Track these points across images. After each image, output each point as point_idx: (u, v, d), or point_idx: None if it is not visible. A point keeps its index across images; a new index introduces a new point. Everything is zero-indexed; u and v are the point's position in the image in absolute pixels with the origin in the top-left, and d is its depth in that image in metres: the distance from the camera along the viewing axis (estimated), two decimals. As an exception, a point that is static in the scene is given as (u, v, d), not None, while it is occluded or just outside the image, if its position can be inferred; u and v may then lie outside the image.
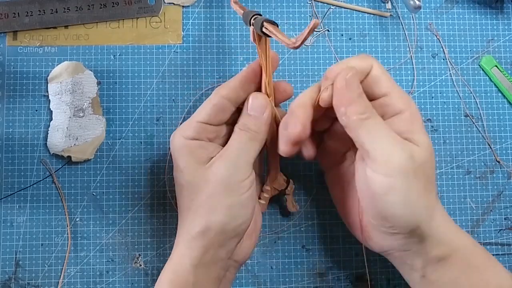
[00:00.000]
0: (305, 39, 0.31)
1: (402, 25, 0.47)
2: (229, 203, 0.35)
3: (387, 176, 0.33)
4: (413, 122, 0.35)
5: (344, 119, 0.34)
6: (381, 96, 0.36)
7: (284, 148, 0.37)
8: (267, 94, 0.38)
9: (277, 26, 0.34)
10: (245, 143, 0.37)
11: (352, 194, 0.39)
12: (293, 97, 0.40)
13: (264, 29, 0.34)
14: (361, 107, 0.34)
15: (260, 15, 0.36)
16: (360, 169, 0.35)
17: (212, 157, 0.37)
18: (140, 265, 0.43)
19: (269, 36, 0.34)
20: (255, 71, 0.38)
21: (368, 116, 0.34)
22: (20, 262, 0.42)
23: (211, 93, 0.44)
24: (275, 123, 0.38)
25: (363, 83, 0.35)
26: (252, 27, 0.35)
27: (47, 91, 0.43)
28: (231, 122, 0.39)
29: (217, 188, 0.35)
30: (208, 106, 0.37)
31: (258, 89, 0.38)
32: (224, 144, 0.38)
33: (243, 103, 0.38)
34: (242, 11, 0.37)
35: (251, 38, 0.36)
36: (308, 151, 0.38)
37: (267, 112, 0.37)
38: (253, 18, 0.35)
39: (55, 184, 0.43)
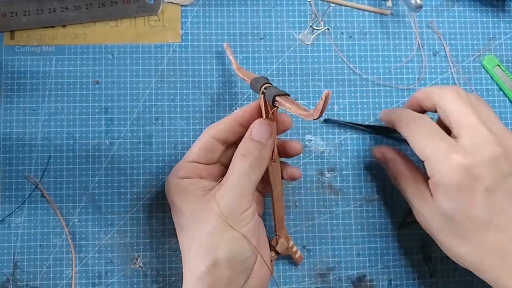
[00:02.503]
0: (322, 111, 0.30)
1: (403, 23, 0.46)
2: (232, 237, 0.34)
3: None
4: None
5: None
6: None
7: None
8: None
9: (289, 96, 0.34)
10: (246, 171, 0.35)
11: None
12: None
13: (276, 103, 0.34)
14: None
15: (268, 80, 0.36)
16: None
17: (209, 190, 0.36)
18: (139, 266, 0.43)
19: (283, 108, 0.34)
20: (247, 116, 0.37)
21: None
22: (18, 264, 0.42)
23: (210, 92, 0.44)
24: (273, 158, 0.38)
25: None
26: (262, 95, 0.35)
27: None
28: (223, 162, 0.39)
29: (218, 223, 0.34)
30: (197, 146, 0.37)
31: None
32: (217, 181, 0.37)
33: (233, 143, 0.38)
34: (248, 79, 0.37)
35: (262, 107, 0.36)
36: None
37: (272, 139, 0.36)
38: (263, 87, 0.35)
39: (45, 197, 0.42)
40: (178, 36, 0.45)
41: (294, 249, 0.42)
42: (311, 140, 0.44)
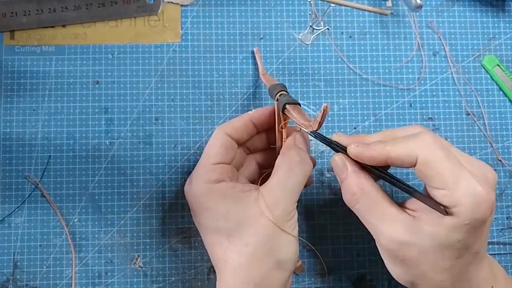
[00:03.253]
0: (321, 123, 0.32)
1: (403, 23, 0.46)
2: (288, 239, 0.34)
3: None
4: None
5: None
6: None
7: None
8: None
9: (299, 105, 0.35)
10: (297, 177, 0.35)
11: None
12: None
13: (285, 111, 0.35)
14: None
15: (285, 89, 0.37)
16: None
17: (247, 191, 0.35)
18: (139, 266, 0.43)
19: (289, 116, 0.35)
20: (264, 118, 0.37)
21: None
22: (18, 264, 0.42)
23: (210, 92, 0.44)
24: None
25: (415, 170, 0.32)
26: (276, 102, 0.36)
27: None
28: (236, 166, 0.38)
29: (272, 227, 0.34)
30: (217, 146, 0.36)
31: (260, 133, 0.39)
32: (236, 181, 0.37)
33: (242, 144, 0.38)
34: (269, 85, 0.38)
35: (276, 114, 0.37)
36: None
37: (308, 147, 0.37)
38: (278, 94, 0.36)
39: (45, 197, 0.42)
40: (178, 36, 0.45)
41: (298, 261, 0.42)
42: (311, 140, 0.44)
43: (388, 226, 0.33)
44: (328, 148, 0.44)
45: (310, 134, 0.35)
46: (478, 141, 0.45)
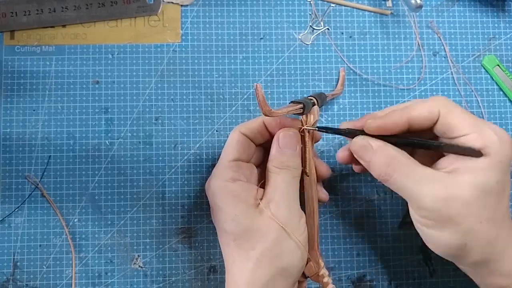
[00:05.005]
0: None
1: (403, 23, 0.46)
2: (293, 247, 0.35)
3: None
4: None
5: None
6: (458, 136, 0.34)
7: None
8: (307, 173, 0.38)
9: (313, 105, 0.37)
10: (290, 181, 0.36)
11: None
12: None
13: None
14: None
15: (315, 99, 0.38)
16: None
17: (260, 199, 0.36)
18: (139, 266, 0.43)
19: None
20: (275, 123, 0.37)
21: None
22: (18, 263, 0.42)
23: (210, 92, 0.44)
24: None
25: (435, 128, 0.34)
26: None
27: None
28: (254, 162, 0.39)
29: (278, 233, 0.34)
30: (233, 143, 0.37)
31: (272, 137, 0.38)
32: (257, 184, 0.37)
33: (260, 145, 0.39)
34: (286, 111, 0.37)
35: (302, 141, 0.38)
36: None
37: (299, 146, 0.37)
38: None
39: (45, 197, 0.42)
40: (178, 36, 0.45)
41: (326, 279, 0.38)
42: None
43: (429, 186, 0.33)
44: (328, 148, 0.44)
45: (320, 130, 0.37)
46: (478, 141, 0.45)
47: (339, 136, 0.44)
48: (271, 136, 0.38)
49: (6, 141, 0.43)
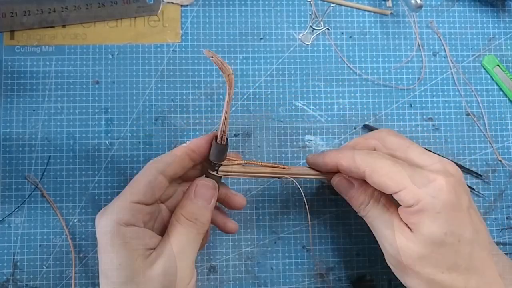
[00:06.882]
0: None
1: (403, 23, 0.46)
2: None
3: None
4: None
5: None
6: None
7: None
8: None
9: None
10: (194, 238, 0.33)
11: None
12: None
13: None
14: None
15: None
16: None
17: (150, 249, 0.32)
18: (139, 266, 0.42)
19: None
20: (201, 150, 0.35)
21: None
22: (18, 264, 0.42)
23: (210, 92, 0.44)
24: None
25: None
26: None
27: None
28: (163, 199, 0.36)
29: None
30: (143, 183, 0.33)
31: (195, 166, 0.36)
32: (158, 227, 0.35)
33: (177, 179, 0.36)
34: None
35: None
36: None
37: (214, 200, 0.35)
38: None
39: (45, 197, 0.42)
40: (178, 36, 0.45)
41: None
42: (311, 140, 0.44)
43: (390, 231, 0.34)
44: (328, 148, 0.44)
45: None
46: (478, 141, 0.45)
47: (339, 136, 0.44)
48: (195, 165, 0.36)
49: (6, 141, 0.43)
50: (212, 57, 0.31)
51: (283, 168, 0.37)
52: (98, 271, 0.42)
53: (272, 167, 0.37)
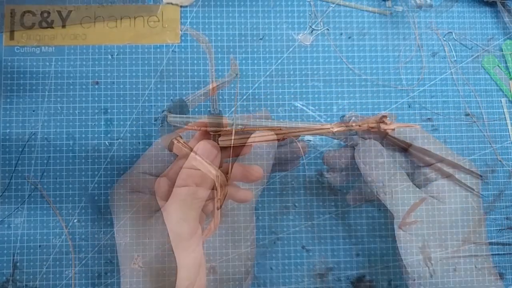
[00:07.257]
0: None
1: (402, 24, 0.46)
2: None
3: None
4: None
5: None
6: None
7: None
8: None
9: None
10: (193, 190, 0.35)
11: None
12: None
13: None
14: None
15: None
16: None
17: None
18: (139, 266, 0.43)
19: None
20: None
21: None
22: (18, 264, 0.42)
23: (209, 92, 0.44)
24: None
25: None
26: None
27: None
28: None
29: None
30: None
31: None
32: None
33: None
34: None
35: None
36: None
37: (217, 161, 0.36)
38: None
39: (44, 197, 0.42)
40: (177, 36, 0.45)
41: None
42: (310, 140, 0.44)
43: None
44: (328, 148, 0.44)
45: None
46: (477, 142, 0.45)
47: (339, 138, 0.45)
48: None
49: (6, 141, 0.43)
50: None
51: (280, 129, 0.37)
52: (98, 271, 0.42)
53: (270, 129, 0.37)
